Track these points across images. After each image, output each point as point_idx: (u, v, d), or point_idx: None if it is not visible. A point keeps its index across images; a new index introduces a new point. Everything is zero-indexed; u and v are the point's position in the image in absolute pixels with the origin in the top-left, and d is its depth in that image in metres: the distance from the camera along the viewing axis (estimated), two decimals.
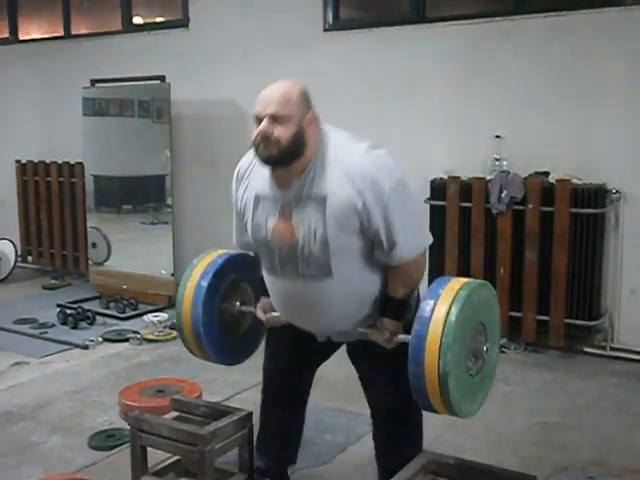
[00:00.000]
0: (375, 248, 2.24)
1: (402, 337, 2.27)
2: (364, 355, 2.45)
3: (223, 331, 2.58)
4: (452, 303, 2.08)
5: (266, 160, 2.18)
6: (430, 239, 2.32)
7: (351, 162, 2.15)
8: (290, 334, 2.49)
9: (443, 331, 2.04)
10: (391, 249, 2.20)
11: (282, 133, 2.12)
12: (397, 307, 2.30)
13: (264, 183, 2.29)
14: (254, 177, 2.34)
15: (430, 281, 2.25)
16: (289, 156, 2.16)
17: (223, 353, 2.61)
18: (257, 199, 2.31)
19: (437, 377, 2.04)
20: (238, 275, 2.63)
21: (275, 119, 2.12)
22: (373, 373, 2.47)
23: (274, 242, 2.27)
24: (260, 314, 2.52)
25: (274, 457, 2.72)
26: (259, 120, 2.15)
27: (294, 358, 2.60)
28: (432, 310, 2.09)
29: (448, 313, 2.06)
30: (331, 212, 2.15)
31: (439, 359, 2.03)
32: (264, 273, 2.43)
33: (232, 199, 2.46)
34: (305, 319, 2.40)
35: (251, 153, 2.34)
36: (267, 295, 2.49)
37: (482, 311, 2.21)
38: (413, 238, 2.23)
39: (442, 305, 2.08)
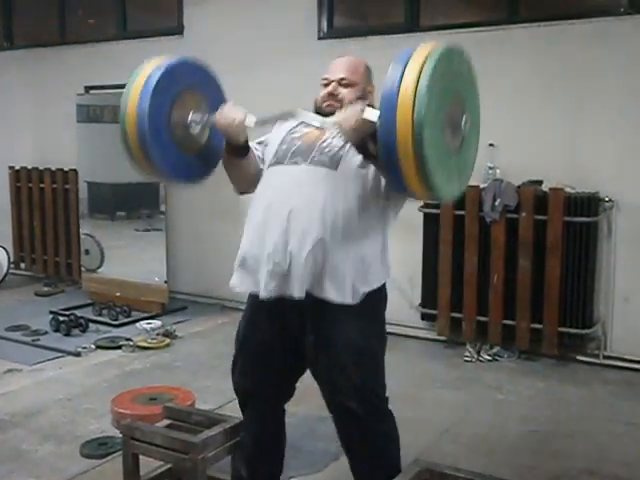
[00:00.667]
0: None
1: (370, 111, 2.08)
2: (332, 343, 2.30)
3: (174, 142, 2.36)
4: (421, 69, 1.95)
5: (329, 115, 2.29)
6: None
7: None
8: (260, 343, 2.42)
9: (414, 102, 1.90)
10: None
11: (347, 94, 2.37)
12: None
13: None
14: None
15: (424, 295, 2.23)
16: None
17: (174, 168, 2.39)
18: (292, 129, 2.45)
19: (413, 154, 1.91)
20: (194, 81, 2.46)
21: (342, 83, 2.39)
22: (341, 364, 2.31)
23: (300, 138, 2.39)
24: (218, 116, 2.38)
25: (257, 469, 2.62)
26: (328, 83, 2.40)
27: (268, 370, 2.47)
28: (400, 77, 1.96)
29: (418, 79, 1.93)
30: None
31: (413, 133, 1.89)
32: (264, 173, 2.42)
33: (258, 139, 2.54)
34: (288, 222, 2.25)
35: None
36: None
37: (455, 76, 2.11)
38: None
39: (410, 72, 1.95)
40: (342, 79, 2.39)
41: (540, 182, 4.46)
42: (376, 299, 2.37)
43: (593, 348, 4.47)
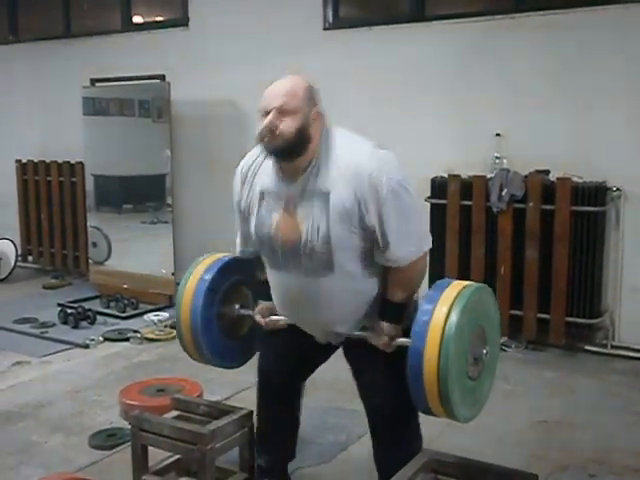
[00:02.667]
0: (374, 248, 2.25)
1: (401, 340, 2.26)
2: (361, 354, 2.43)
3: (221, 332, 2.58)
4: (451, 306, 2.07)
5: (271, 151, 2.23)
6: (429, 244, 2.32)
7: (354, 159, 2.18)
8: (288, 337, 2.49)
9: (443, 335, 2.03)
10: (385, 249, 2.22)
11: (287, 126, 2.16)
12: (395, 310, 2.30)
13: (269, 179, 2.32)
14: (258, 175, 2.36)
15: (431, 281, 2.25)
16: (294, 149, 2.19)
17: (220, 354, 2.60)
18: (262, 195, 2.33)
19: (436, 381, 2.03)
20: (238, 278, 2.63)
21: (281, 112, 2.17)
22: (369, 372, 2.45)
23: (277, 237, 2.29)
24: (259, 318, 2.53)
25: (274, 455, 2.72)
26: (266, 113, 2.19)
27: (290, 362, 2.59)
28: (431, 313, 2.08)
29: (448, 317, 2.05)
30: (334, 207, 2.18)
31: (439, 363, 2.02)
32: (267, 270, 2.43)
33: (234, 200, 2.46)
34: (305, 316, 2.40)
35: (252, 153, 2.38)
36: (266, 299, 2.51)
37: (481, 314, 2.20)
38: (408, 241, 2.23)
39: (441, 308, 2.07)
40: (279, 107, 2.16)
41: (547, 172, 4.44)
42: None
43: (601, 338, 4.46)
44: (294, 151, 2.19)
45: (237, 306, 2.63)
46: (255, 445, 2.72)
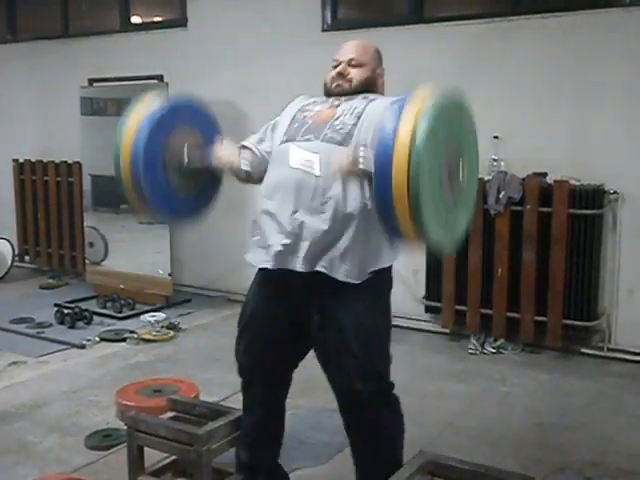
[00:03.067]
0: None
1: (365, 159, 2.08)
2: (339, 323, 2.32)
3: (168, 177, 2.37)
4: (421, 110, 1.97)
5: (338, 95, 2.41)
6: None
7: None
8: (267, 321, 2.43)
9: (413, 138, 1.90)
10: None
11: (356, 74, 2.43)
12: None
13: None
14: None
15: (427, 283, 2.24)
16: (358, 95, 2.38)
17: (166, 203, 2.39)
18: (303, 107, 2.47)
19: (406, 189, 1.89)
20: (192, 119, 2.47)
21: (352, 63, 2.44)
22: (347, 346, 2.32)
23: (311, 117, 2.39)
24: (219, 153, 2.47)
25: (256, 449, 2.62)
26: (337, 64, 2.45)
27: (269, 355, 2.49)
28: (398, 117, 1.96)
29: (414, 128, 1.92)
30: (368, 111, 2.33)
31: (409, 169, 1.88)
32: (273, 155, 2.42)
33: (276, 119, 2.54)
34: (297, 198, 2.28)
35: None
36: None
37: (456, 128, 2.13)
38: None
39: (405, 123, 1.94)
40: (351, 59, 2.44)
41: (545, 174, 4.45)
42: (382, 279, 2.38)
43: (597, 341, 4.46)
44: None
45: (185, 147, 2.42)
46: (239, 440, 2.64)
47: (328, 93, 2.45)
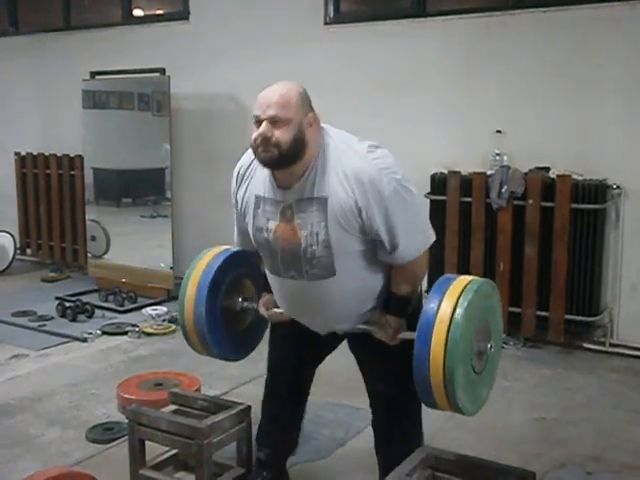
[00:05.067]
0: (377, 248, 2.23)
1: (406, 334, 2.26)
2: (365, 344, 2.43)
3: (224, 324, 2.57)
4: (458, 300, 2.07)
5: (266, 163, 2.17)
6: (433, 237, 2.31)
7: (351, 163, 2.15)
8: (295, 327, 2.48)
9: (449, 328, 2.03)
10: (393, 250, 2.21)
11: (282, 136, 2.10)
12: (400, 304, 2.30)
13: (264, 184, 2.27)
14: (254, 178, 2.32)
15: (430, 277, 2.24)
16: (289, 159, 2.14)
17: (225, 348, 2.59)
18: (258, 201, 2.29)
19: (442, 375, 2.03)
20: (240, 271, 2.62)
21: (275, 122, 2.10)
22: (374, 361, 2.46)
23: (276, 244, 2.26)
24: (263, 310, 2.52)
25: (274, 449, 2.71)
26: (259, 122, 2.13)
27: (299, 350, 2.59)
28: (437, 307, 2.07)
29: (454, 311, 2.05)
30: (332, 213, 2.14)
31: (445, 356, 2.02)
32: (267, 273, 2.43)
33: (232, 199, 2.44)
34: (309, 317, 2.40)
35: (250, 153, 2.31)
36: (269, 291, 2.49)
37: (486, 309, 2.20)
38: (415, 239, 2.23)
39: (448, 302, 2.07)
40: (273, 118, 2.09)
41: (547, 169, 4.44)
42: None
43: (600, 336, 4.45)
44: (290, 160, 2.14)
45: (240, 299, 2.62)
46: (257, 438, 2.71)
47: (255, 155, 2.18)
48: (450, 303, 2.07)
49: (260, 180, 2.29)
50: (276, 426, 2.70)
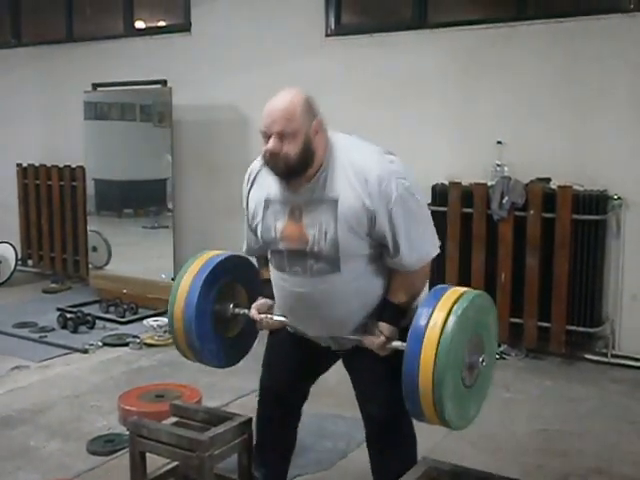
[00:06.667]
0: (384, 252, 2.25)
1: (397, 344, 2.24)
2: (359, 362, 2.42)
3: (214, 329, 2.57)
4: (449, 312, 2.06)
5: (277, 175, 2.22)
6: (436, 251, 2.31)
7: (362, 163, 2.18)
8: (289, 343, 2.49)
9: (439, 341, 2.02)
10: (395, 255, 2.22)
11: (290, 149, 2.13)
12: (395, 312, 2.29)
13: (273, 186, 2.31)
14: (264, 181, 2.35)
15: (431, 288, 2.24)
16: (299, 170, 2.18)
17: (212, 351, 2.59)
18: (267, 202, 2.33)
19: (431, 387, 2.02)
20: (234, 276, 2.62)
21: (282, 136, 2.13)
22: (367, 382, 2.44)
23: (283, 242, 2.29)
24: (254, 312, 2.51)
25: (271, 469, 2.68)
26: (267, 136, 2.17)
27: (292, 368, 2.57)
28: (428, 319, 2.06)
29: (445, 322, 2.04)
30: (342, 214, 2.17)
31: (434, 369, 2.01)
32: (271, 269, 2.43)
33: (243, 203, 2.47)
34: (308, 317, 2.38)
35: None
36: (265, 297, 2.50)
37: (479, 322, 2.19)
38: (417, 248, 2.23)
39: (439, 314, 2.06)
40: (280, 133, 2.12)
41: (548, 180, 4.44)
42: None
43: (601, 347, 4.45)
44: (300, 171, 2.18)
45: (231, 305, 2.61)
46: (254, 457, 2.69)
47: (267, 166, 2.24)
48: (442, 314, 2.06)
49: (270, 183, 2.32)
50: (272, 447, 2.67)
